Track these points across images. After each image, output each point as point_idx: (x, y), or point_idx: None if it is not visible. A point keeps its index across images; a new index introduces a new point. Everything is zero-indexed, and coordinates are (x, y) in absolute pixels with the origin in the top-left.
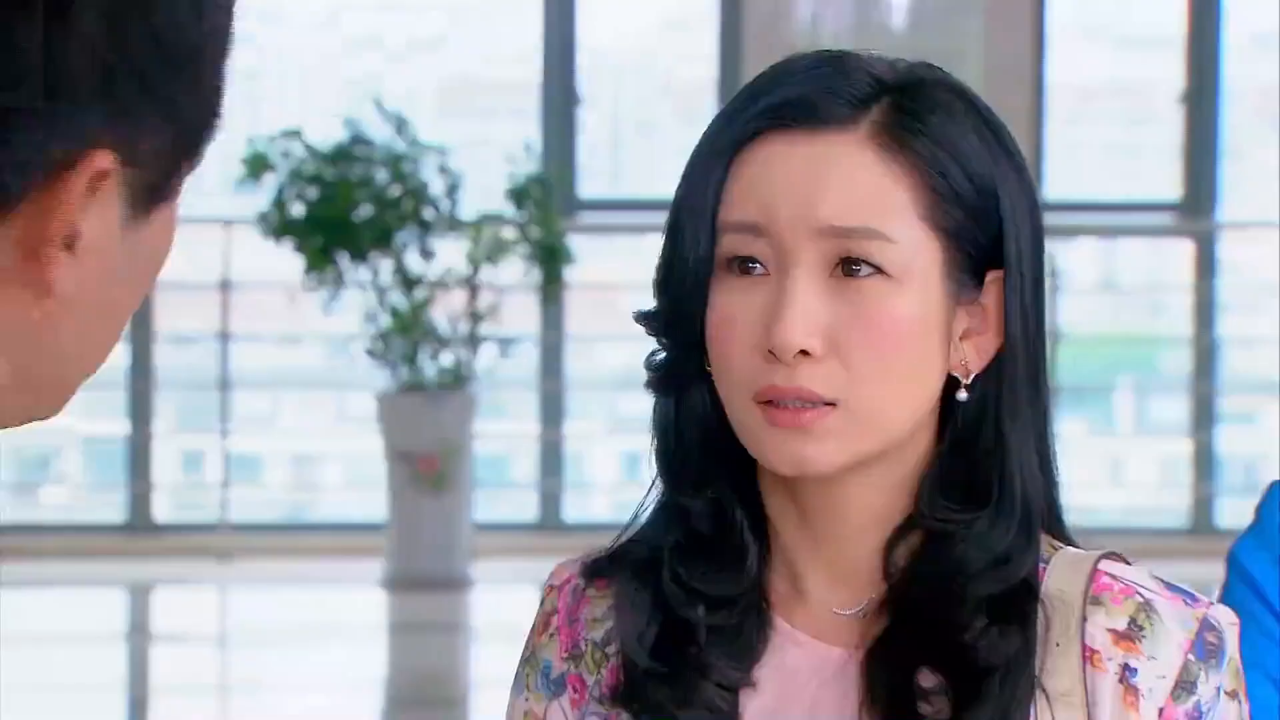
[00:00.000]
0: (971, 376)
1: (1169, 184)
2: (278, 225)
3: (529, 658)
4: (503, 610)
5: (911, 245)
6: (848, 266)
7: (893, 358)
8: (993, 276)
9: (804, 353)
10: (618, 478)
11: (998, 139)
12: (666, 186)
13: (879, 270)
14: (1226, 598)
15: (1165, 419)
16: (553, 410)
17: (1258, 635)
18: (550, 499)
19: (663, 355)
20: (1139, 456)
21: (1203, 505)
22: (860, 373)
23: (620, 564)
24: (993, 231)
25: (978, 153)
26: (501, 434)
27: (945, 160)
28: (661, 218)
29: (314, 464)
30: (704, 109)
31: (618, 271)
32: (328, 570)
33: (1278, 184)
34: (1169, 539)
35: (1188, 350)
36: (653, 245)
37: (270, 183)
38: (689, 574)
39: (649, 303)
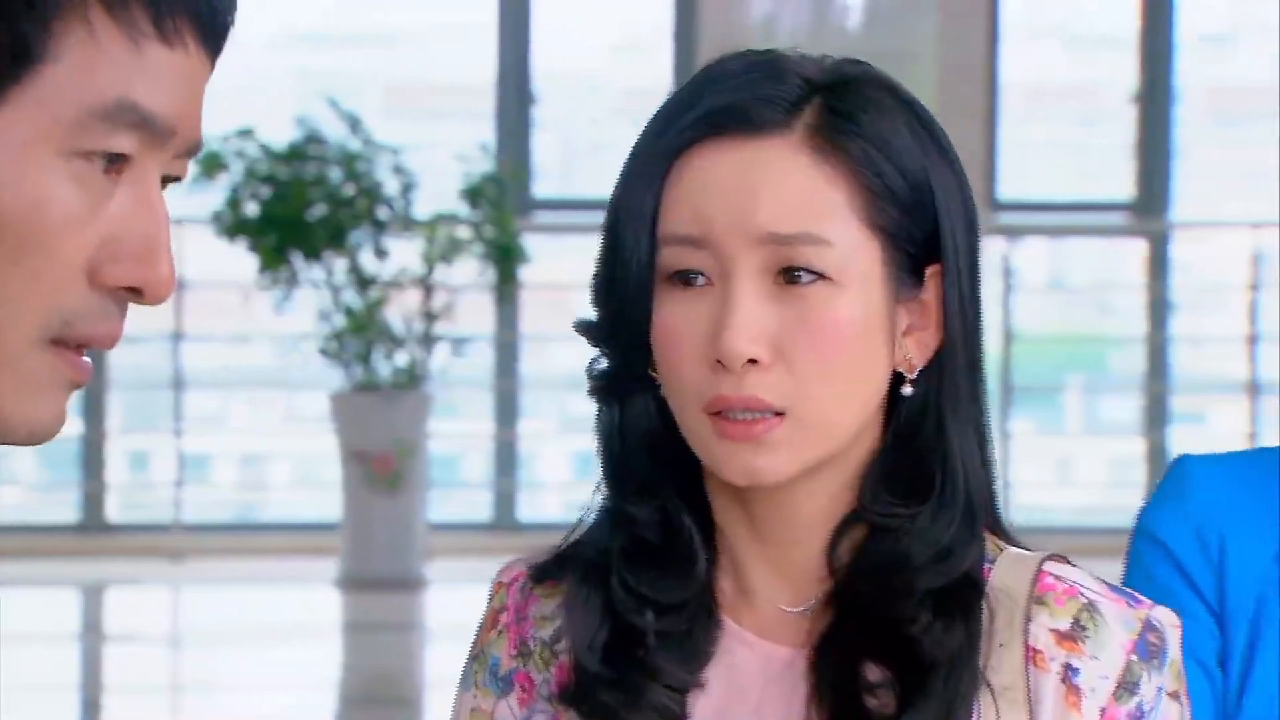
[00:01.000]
0: (915, 372)
1: (1122, 183)
2: (231, 224)
3: (477, 655)
4: (457, 610)
5: (850, 247)
6: (789, 274)
7: (838, 362)
8: (931, 271)
9: (752, 361)
10: (571, 477)
11: (929, 133)
12: None
13: (820, 276)
14: (1137, 573)
15: (1114, 419)
16: (507, 410)
17: (1182, 617)
18: (504, 499)
19: (604, 363)
20: (1088, 456)
21: None
22: (807, 378)
23: (568, 566)
24: (928, 226)
25: (910, 148)
26: (456, 434)
27: (879, 159)
28: None
29: (268, 464)
30: (658, 107)
31: (573, 271)
32: (282, 570)
33: (1229, 184)
34: (1120, 538)
35: (1139, 350)
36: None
37: (224, 182)
38: (637, 580)
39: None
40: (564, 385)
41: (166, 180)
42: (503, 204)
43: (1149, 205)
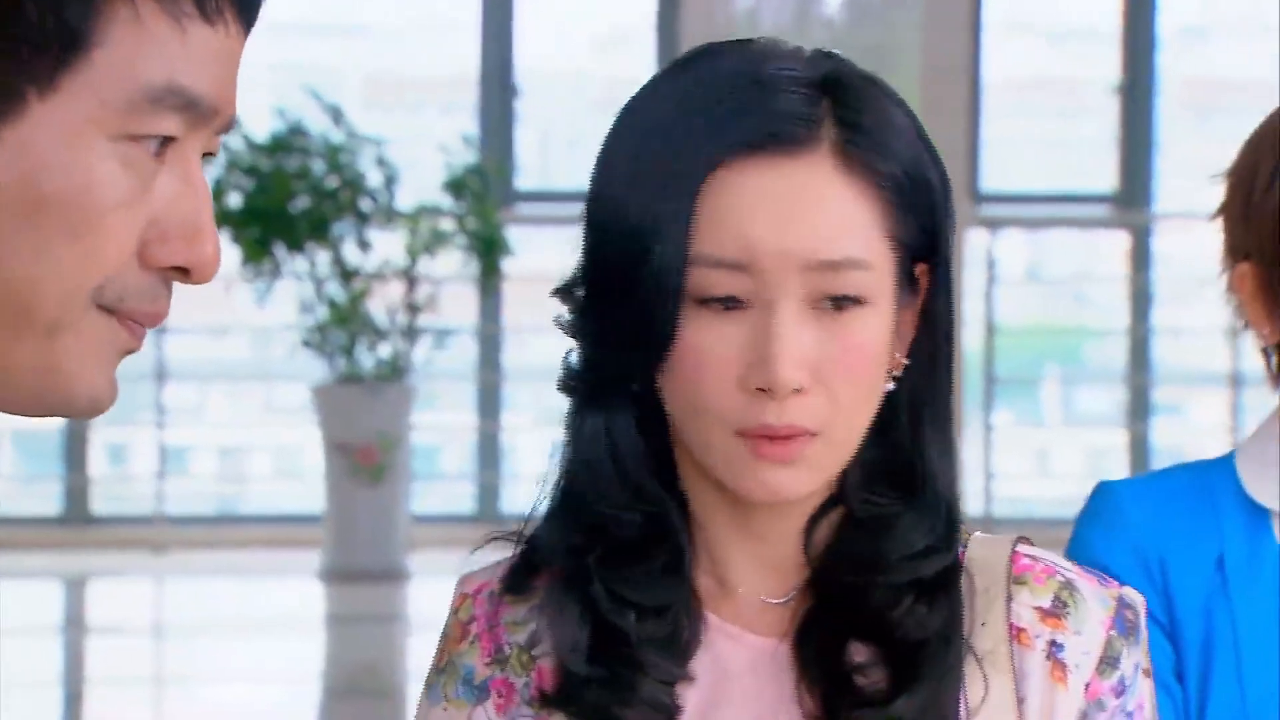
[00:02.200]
0: (901, 369)
1: (1104, 176)
2: (214, 216)
3: (445, 666)
4: (440, 602)
5: (882, 266)
6: (831, 299)
7: (867, 384)
8: (919, 270)
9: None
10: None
11: (916, 128)
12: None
13: (858, 300)
14: None
15: (1094, 410)
16: (490, 402)
17: None
18: (487, 490)
19: (583, 361)
20: (1066, 447)
21: None
22: (842, 402)
23: (539, 571)
24: (926, 225)
25: (908, 147)
26: (439, 425)
27: (894, 167)
28: None
29: (252, 456)
30: None
31: (556, 263)
32: (265, 562)
33: (1211, 176)
34: None
35: (1120, 341)
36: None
37: (206, 174)
38: (621, 585)
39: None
40: (547, 377)
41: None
42: (485, 196)
43: (1131, 198)
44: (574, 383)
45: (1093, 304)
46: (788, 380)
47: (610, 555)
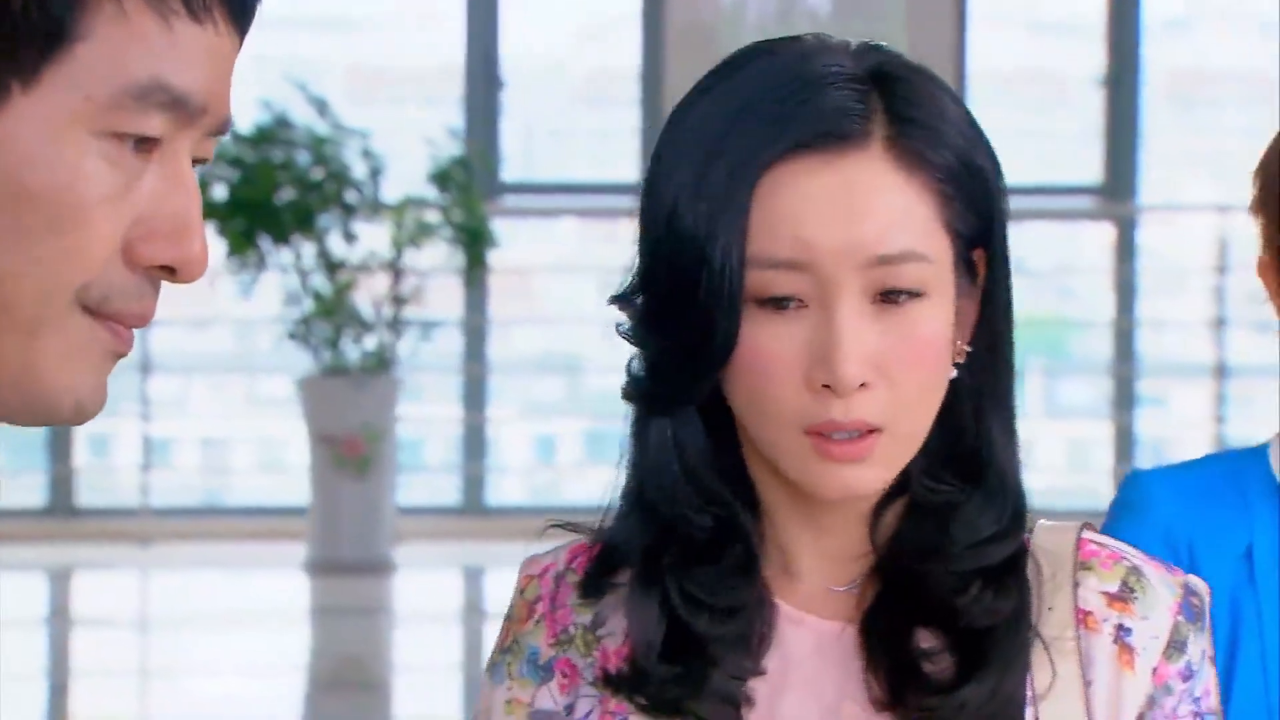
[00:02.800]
0: (964, 356)
1: (1089, 168)
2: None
3: (510, 646)
4: (425, 594)
5: (941, 257)
6: (889, 294)
7: (932, 375)
8: (976, 256)
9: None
10: (537, 461)
11: (967, 117)
12: (587, 170)
13: (918, 293)
14: None
15: (1076, 402)
16: (475, 394)
17: None
18: (473, 482)
19: (656, 371)
20: (1050, 439)
21: None
22: (905, 395)
23: (614, 568)
24: (982, 212)
25: (961, 136)
26: (424, 418)
27: (948, 157)
28: (589, 201)
29: (236, 448)
30: (626, 90)
31: (541, 255)
32: (250, 554)
33: (1196, 168)
34: (1078, 520)
35: (1105, 333)
36: (577, 229)
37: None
38: (694, 586)
39: (577, 288)
40: (532, 369)
41: (194, 161)
42: (471, 188)
43: (1115, 190)
44: (637, 390)
45: (1077, 296)
46: (852, 377)
47: (683, 556)
